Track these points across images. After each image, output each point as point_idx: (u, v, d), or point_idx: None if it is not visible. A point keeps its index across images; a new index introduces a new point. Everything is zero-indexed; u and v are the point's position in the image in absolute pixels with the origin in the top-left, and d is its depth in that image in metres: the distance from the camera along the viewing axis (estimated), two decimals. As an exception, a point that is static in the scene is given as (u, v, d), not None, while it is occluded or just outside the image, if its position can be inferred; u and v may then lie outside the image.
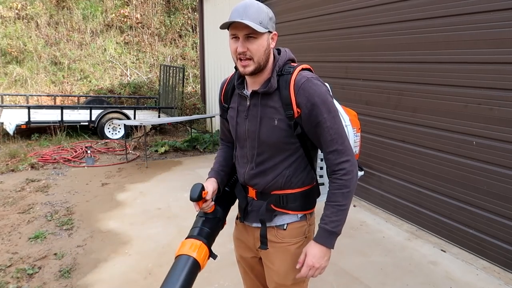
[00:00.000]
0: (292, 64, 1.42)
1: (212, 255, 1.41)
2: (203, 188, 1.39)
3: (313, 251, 1.35)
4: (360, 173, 1.54)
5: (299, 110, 1.34)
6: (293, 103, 1.33)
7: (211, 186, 1.48)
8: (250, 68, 1.33)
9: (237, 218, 1.65)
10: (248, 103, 1.44)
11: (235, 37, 1.32)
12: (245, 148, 1.48)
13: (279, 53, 1.43)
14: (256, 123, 1.41)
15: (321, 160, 1.54)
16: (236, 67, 1.47)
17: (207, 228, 1.42)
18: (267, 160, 1.43)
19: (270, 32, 1.34)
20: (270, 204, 1.45)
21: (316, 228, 1.43)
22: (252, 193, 1.50)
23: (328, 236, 1.35)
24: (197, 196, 1.37)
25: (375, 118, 3.87)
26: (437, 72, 3.21)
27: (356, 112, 1.65)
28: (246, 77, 1.43)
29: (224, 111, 1.58)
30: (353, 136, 1.53)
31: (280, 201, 1.44)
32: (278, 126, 1.37)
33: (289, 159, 1.42)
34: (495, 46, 2.77)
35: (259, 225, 1.49)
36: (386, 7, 3.61)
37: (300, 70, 1.38)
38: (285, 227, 1.46)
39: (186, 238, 1.40)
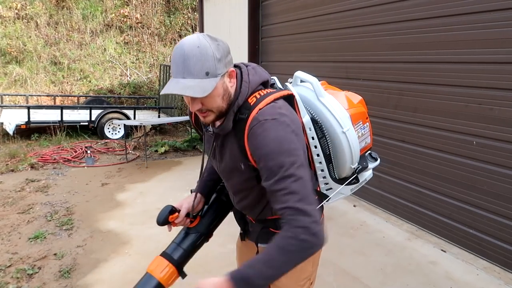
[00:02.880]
0: (255, 97, 1.16)
1: (181, 274, 1.36)
2: (171, 211, 1.33)
3: None
4: (376, 163, 1.46)
5: (255, 159, 1.15)
6: (248, 153, 1.15)
7: (186, 205, 1.36)
8: (210, 118, 1.15)
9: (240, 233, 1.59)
10: (214, 143, 1.29)
11: None
12: (225, 182, 1.38)
13: (241, 80, 1.17)
14: (224, 165, 1.27)
15: (322, 170, 1.37)
16: None
17: (184, 247, 1.38)
18: (247, 197, 1.32)
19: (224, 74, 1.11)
20: (269, 228, 1.36)
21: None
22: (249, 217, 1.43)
23: (239, 280, 1.05)
24: (162, 221, 1.32)
25: (375, 118, 3.87)
26: (437, 72, 3.20)
27: (361, 97, 1.48)
28: None
29: (201, 131, 1.40)
30: (355, 134, 1.37)
31: (278, 224, 1.29)
32: (245, 171, 1.20)
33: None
34: (495, 46, 2.77)
35: (262, 244, 1.41)
36: (385, 7, 3.61)
37: (257, 111, 1.12)
38: None
39: (161, 254, 1.38)
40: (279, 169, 1.06)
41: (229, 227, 1.66)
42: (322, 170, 1.37)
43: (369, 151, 1.48)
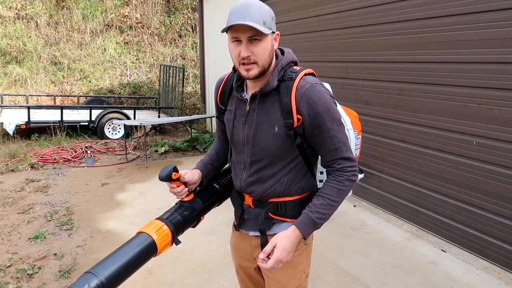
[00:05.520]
0: (294, 68, 1.34)
1: (175, 241, 1.34)
2: (175, 169, 1.35)
3: (284, 245, 1.26)
4: (360, 176, 1.52)
5: (299, 117, 1.28)
6: (294, 110, 1.27)
7: (189, 173, 1.42)
8: (254, 72, 1.26)
9: (234, 225, 1.60)
10: (247, 108, 1.36)
11: (236, 40, 1.24)
12: (242, 154, 1.42)
13: (282, 53, 1.36)
14: (256, 129, 1.34)
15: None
16: (234, 69, 1.40)
17: (178, 215, 1.37)
18: (265, 167, 1.37)
19: (273, 32, 1.27)
20: (268, 212, 1.39)
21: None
22: (248, 200, 1.44)
23: (309, 225, 1.28)
24: (165, 175, 1.34)
25: (375, 118, 3.87)
26: (437, 72, 3.20)
27: (357, 113, 1.62)
28: (247, 80, 1.36)
29: (220, 112, 1.51)
30: (354, 139, 1.47)
31: (278, 209, 1.39)
32: (278, 133, 1.31)
33: (288, 166, 1.37)
34: (495, 46, 2.77)
35: (256, 233, 1.44)
36: (386, 7, 3.61)
37: (303, 75, 1.31)
38: None
39: (156, 218, 1.36)
40: (332, 124, 1.28)
41: (229, 227, 1.66)
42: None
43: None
